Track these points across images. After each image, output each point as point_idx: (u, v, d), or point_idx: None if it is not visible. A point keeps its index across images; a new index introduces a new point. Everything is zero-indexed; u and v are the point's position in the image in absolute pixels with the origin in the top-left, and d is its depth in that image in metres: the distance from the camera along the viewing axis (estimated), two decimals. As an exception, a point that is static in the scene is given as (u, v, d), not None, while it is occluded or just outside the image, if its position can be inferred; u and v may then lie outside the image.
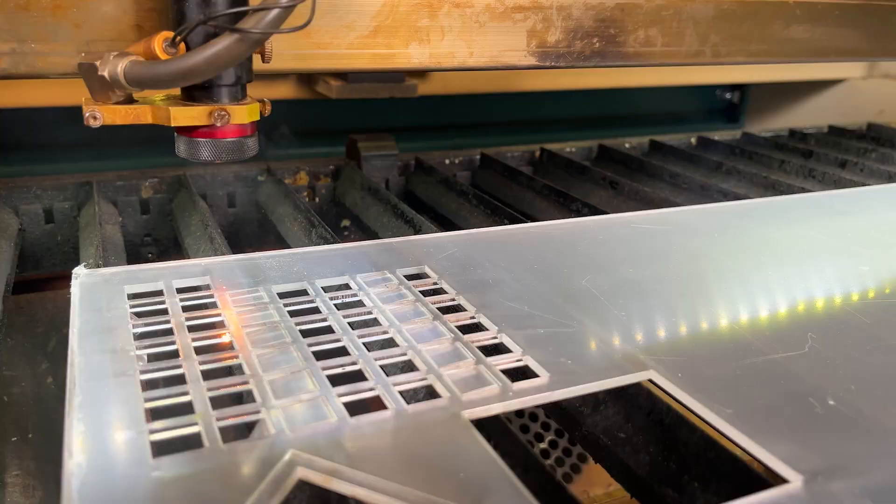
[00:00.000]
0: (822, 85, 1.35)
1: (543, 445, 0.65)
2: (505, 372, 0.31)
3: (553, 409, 0.34)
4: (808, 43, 0.50)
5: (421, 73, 0.93)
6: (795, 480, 0.24)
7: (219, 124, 0.37)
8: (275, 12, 0.33)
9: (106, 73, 0.34)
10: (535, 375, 0.30)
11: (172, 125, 0.37)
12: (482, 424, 0.30)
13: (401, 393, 0.29)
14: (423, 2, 0.39)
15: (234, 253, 0.46)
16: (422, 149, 1.04)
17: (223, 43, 0.33)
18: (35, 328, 0.51)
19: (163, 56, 0.35)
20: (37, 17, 0.32)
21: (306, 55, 0.37)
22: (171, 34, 0.35)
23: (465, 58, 0.41)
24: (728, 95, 1.38)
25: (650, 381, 0.30)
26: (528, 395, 0.29)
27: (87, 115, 0.36)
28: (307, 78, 0.85)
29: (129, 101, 0.37)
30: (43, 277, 0.57)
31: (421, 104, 1.00)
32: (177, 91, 0.39)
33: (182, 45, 0.35)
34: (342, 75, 0.82)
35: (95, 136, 0.77)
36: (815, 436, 0.27)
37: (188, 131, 0.38)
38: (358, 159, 0.67)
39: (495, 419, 0.30)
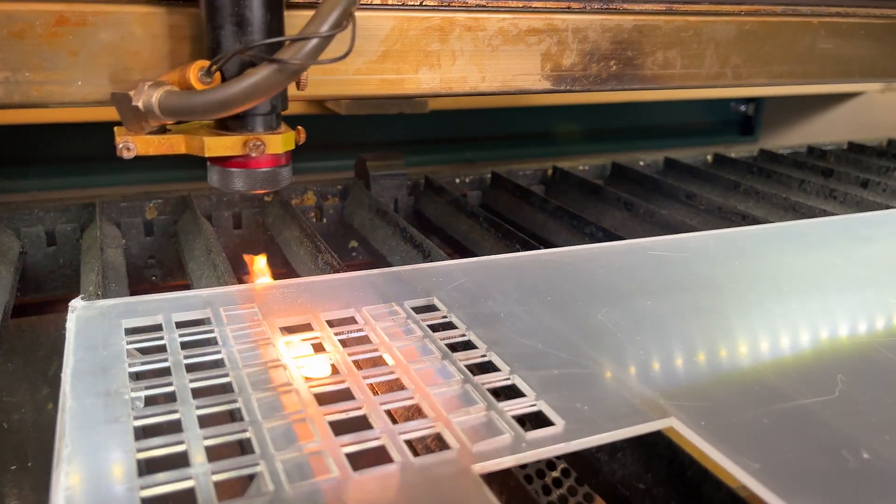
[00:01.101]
0: (840, 98, 1.33)
1: (562, 491, 0.63)
2: (518, 418, 0.29)
3: (568, 454, 0.32)
4: (832, 63, 0.48)
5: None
6: (831, 548, 0.23)
7: (254, 154, 0.36)
8: (314, 42, 0.32)
9: (140, 104, 0.33)
10: (549, 423, 0.29)
11: (207, 155, 0.36)
12: (492, 475, 0.29)
13: (408, 441, 0.28)
14: (434, 25, 0.37)
15: (238, 278, 0.44)
16: (432, 162, 1.02)
17: (261, 74, 0.32)
18: (36, 352, 0.50)
19: (198, 86, 0.34)
20: (31, 45, 0.31)
21: (313, 81, 0.36)
22: (206, 63, 0.34)
23: (477, 83, 0.40)
24: (743, 108, 1.36)
25: (670, 429, 0.29)
26: (543, 447, 0.27)
27: (120, 146, 0.35)
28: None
29: (162, 130, 0.36)
30: (45, 300, 0.56)
31: (431, 118, 0.99)
32: (210, 121, 0.38)
33: (217, 75, 0.34)
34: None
35: (98, 152, 0.76)
36: (849, 494, 0.25)
37: (221, 161, 0.37)
38: (366, 179, 0.66)
39: (507, 471, 0.28)
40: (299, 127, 0.39)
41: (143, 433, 0.27)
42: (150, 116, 0.34)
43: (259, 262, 0.54)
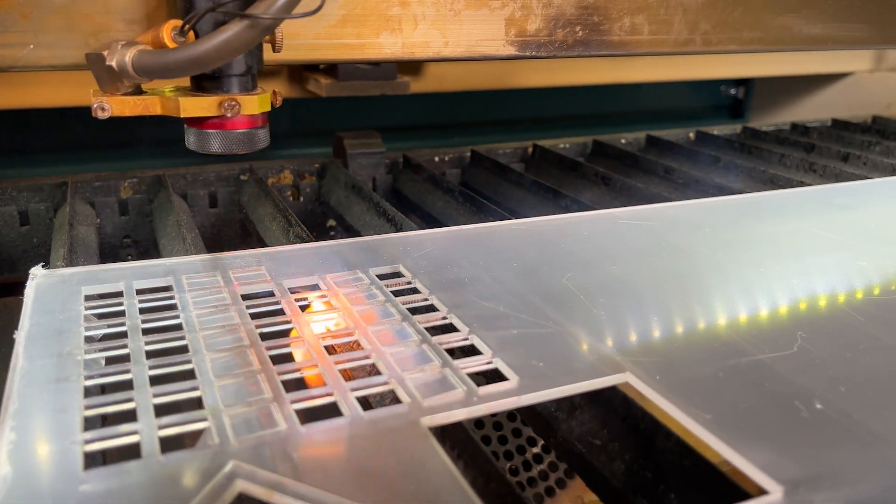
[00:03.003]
0: (829, 79, 1.33)
1: (536, 450, 0.63)
2: (474, 375, 0.29)
3: (528, 413, 0.32)
4: (803, 31, 0.48)
5: (413, 70, 0.92)
6: (776, 492, 0.23)
7: (229, 115, 0.36)
8: None
9: (114, 63, 0.33)
10: (503, 379, 0.29)
11: (182, 116, 0.36)
12: (446, 432, 0.29)
13: (363, 399, 0.28)
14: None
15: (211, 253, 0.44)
16: (417, 148, 1.02)
17: (233, 29, 0.32)
18: (10, 332, 0.50)
19: (171, 44, 0.34)
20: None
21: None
22: (179, 22, 0.34)
23: (440, 48, 0.39)
24: (733, 91, 1.36)
25: (626, 384, 0.29)
26: (495, 401, 0.27)
27: (95, 106, 0.35)
28: (298, 76, 0.84)
29: (138, 92, 0.36)
30: (18, 281, 0.56)
31: (418, 103, 0.99)
32: (186, 82, 0.38)
33: (191, 34, 0.34)
34: (332, 73, 0.80)
35: (74, 139, 0.76)
36: (799, 442, 0.25)
37: (198, 122, 0.37)
38: (344, 157, 0.65)
39: (459, 427, 0.28)
40: (275, 89, 0.39)
41: (97, 392, 0.27)
42: (125, 76, 0.34)
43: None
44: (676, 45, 0.44)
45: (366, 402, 0.30)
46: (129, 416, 0.26)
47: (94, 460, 0.26)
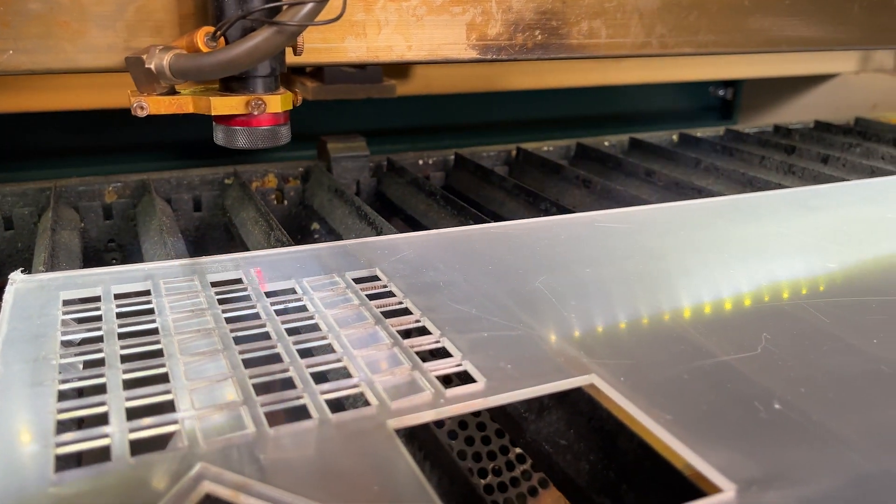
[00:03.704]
0: (816, 80, 1.34)
1: (520, 451, 0.64)
2: (442, 378, 0.30)
3: (499, 415, 0.33)
4: (759, 33, 0.49)
5: (400, 73, 0.92)
6: (729, 490, 0.23)
7: (255, 113, 0.39)
8: (309, 6, 0.35)
9: (152, 66, 0.36)
10: (472, 381, 0.29)
11: (212, 114, 0.39)
12: (415, 434, 0.29)
13: (332, 401, 0.28)
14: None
15: (194, 257, 0.45)
16: (405, 150, 1.03)
17: (262, 35, 0.35)
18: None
19: (204, 49, 0.37)
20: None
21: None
22: (211, 29, 0.37)
23: (404, 51, 0.41)
24: (721, 92, 1.37)
25: (591, 385, 0.29)
26: (461, 402, 0.28)
27: (134, 105, 0.38)
28: (285, 80, 0.84)
29: (172, 92, 0.39)
30: (2, 284, 0.56)
31: (405, 105, 0.99)
32: (215, 83, 0.41)
33: (222, 39, 0.37)
34: (318, 76, 0.81)
35: (60, 143, 0.76)
36: (756, 442, 0.26)
37: (226, 120, 0.40)
38: (328, 161, 0.66)
39: (426, 429, 0.29)
40: (297, 89, 0.42)
41: (74, 396, 0.28)
42: (162, 78, 0.37)
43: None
44: (634, 48, 0.45)
45: (339, 405, 0.31)
46: (103, 419, 0.26)
47: (68, 463, 0.26)
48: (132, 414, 0.26)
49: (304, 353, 0.31)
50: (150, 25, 0.36)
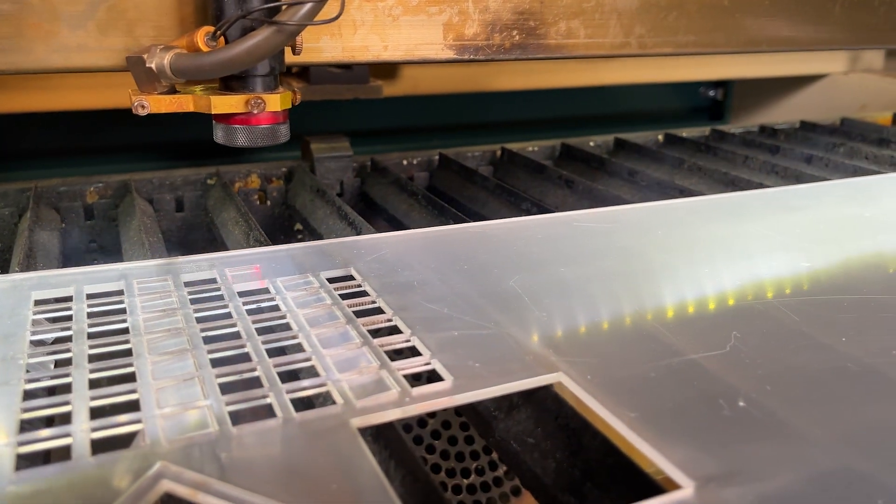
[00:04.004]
0: (806, 80, 1.34)
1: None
2: (411, 376, 0.30)
3: (469, 412, 0.33)
4: (740, 33, 0.49)
5: (387, 74, 0.92)
6: (687, 487, 0.23)
7: (255, 112, 0.40)
8: (308, 6, 0.35)
9: (153, 65, 0.37)
10: (439, 379, 0.29)
11: (213, 112, 0.40)
12: (381, 433, 0.29)
13: (302, 400, 0.28)
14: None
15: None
16: (394, 150, 1.03)
17: (262, 35, 0.35)
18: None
19: (205, 48, 0.37)
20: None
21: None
22: (212, 29, 0.37)
23: (380, 51, 0.41)
24: (711, 93, 1.37)
25: (558, 384, 0.29)
26: (427, 401, 0.28)
27: (135, 104, 0.38)
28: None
29: (172, 91, 0.39)
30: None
31: (392, 105, 0.99)
32: (215, 82, 0.41)
33: (222, 39, 0.38)
34: (304, 76, 0.81)
35: (42, 144, 0.76)
36: (717, 439, 0.26)
37: (226, 118, 0.41)
38: (311, 161, 0.66)
39: (392, 427, 0.29)
40: (296, 89, 0.42)
41: (43, 395, 0.28)
42: (163, 77, 0.37)
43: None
44: (612, 48, 0.45)
45: (310, 403, 0.31)
46: (68, 418, 0.26)
47: (34, 461, 0.27)
48: (97, 413, 0.26)
49: (273, 353, 0.31)
50: (122, 25, 0.36)
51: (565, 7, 0.42)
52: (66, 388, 0.28)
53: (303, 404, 0.29)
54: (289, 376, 0.30)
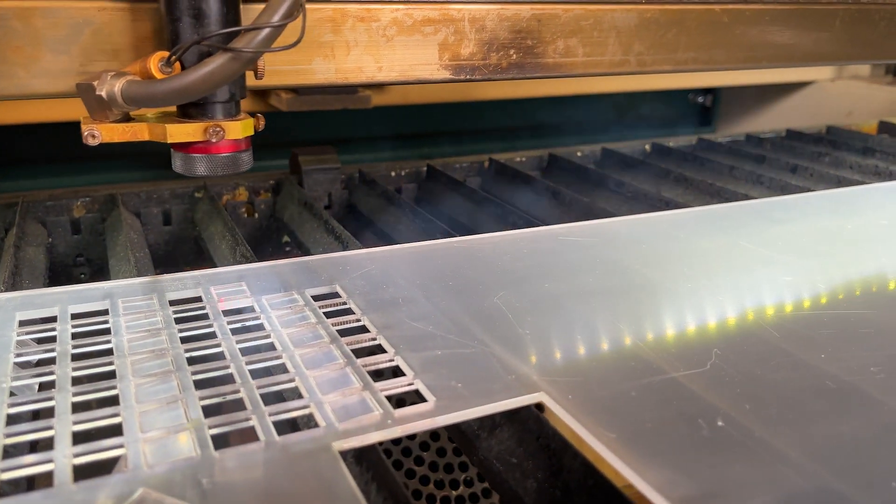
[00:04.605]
0: (793, 87, 1.35)
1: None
2: (394, 397, 0.30)
3: (453, 431, 0.33)
4: (739, 49, 0.49)
5: (376, 84, 0.93)
6: (665, 509, 0.24)
7: (214, 140, 0.38)
8: (266, 31, 0.34)
9: (103, 93, 0.35)
10: (423, 400, 0.29)
11: (169, 141, 0.38)
12: (363, 455, 0.30)
13: (286, 422, 0.28)
14: (326, 17, 0.38)
15: (162, 273, 0.45)
16: (385, 160, 1.03)
17: (217, 62, 0.34)
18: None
19: (158, 75, 0.35)
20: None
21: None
22: (166, 54, 0.36)
23: (374, 73, 0.40)
24: (700, 99, 1.38)
25: (539, 404, 0.29)
26: (410, 423, 0.28)
27: (85, 133, 0.36)
28: (260, 91, 0.84)
29: (126, 119, 0.38)
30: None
31: (382, 114, 1.00)
32: (172, 109, 0.40)
33: (177, 65, 0.36)
34: (293, 87, 0.81)
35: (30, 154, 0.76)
36: (696, 460, 0.26)
37: (184, 147, 0.39)
38: (299, 174, 0.66)
39: (373, 450, 0.29)
40: (258, 114, 0.41)
41: (28, 419, 0.28)
42: (114, 105, 0.35)
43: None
44: (611, 66, 0.45)
45: (294, 425, 0.31)
46: (51, 444, 0.26)
47: (17, 488, 0.27)
48: (80, 438, 0.27)
49: (257, 374, 0.31)
50: (107, 49, 0.36)
51: (563, 25, 0.42)
52: (50, 413, 0.28)
53: (288, 426, 0.30)
54: (275, 397, 0.30)
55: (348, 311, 0.37)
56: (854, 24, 0.56)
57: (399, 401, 0.31)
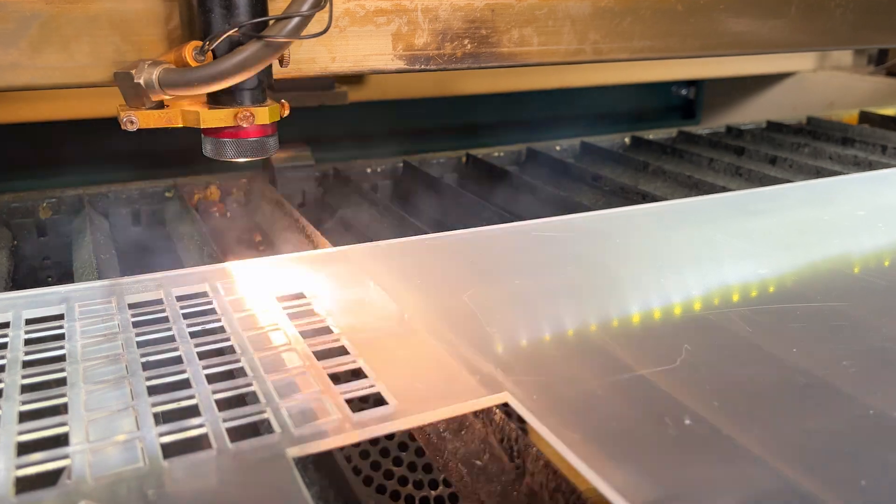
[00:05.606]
0: (775, 78, 1.35)
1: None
2: (355, 400, 0.29)
3: (418, 432, 0.32)
4: (695, 38, 0.49)
5: (353, 79, 0.91)
6: (627, 513, 0.23)
7: (244, 125, 0.40)
8: (296, 20, 0.36)
9: (141, 81, 0.37)
10: (384, 403, 0.29)
11: (202, 127, 0.40)
12: (320, 462, 0.29)
13: (245, 427, 0.27)
14: (277, 8, 0.37)
15: (128, 275, 0.44)
16: (365, 157, 1.02)
17: (250, 49, 0.36)
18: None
19: (193, 63, 0.37)
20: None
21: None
22: (199, 43, 0.37)
23: (328, 63, 0.40)
24: (683, 92, 1.37)
25: (503, 405, 0.29)
26: (368, 427, 0.27)
27: (123, 119, 0.38)
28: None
29: (160, 106, 0.39)
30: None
31: (362, 110, 0.99)
32: (202, 98, 0.41)
33: (210, 54, 0.38)
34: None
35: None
36: (661, 461, 0.25)
37: (214, 132, 0.41)
38: (272, 171, 0.65)
39: (329, 456, 0.28)
40: (283, 101, 0.42)
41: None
42: (151, 92, 0.37)
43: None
44: (567, 55, 0.45)
45: (255, 430, 0.30)
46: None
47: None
48: (24, 449, 0.26)
49: (214, 378, 0.30)
50: (57, 41, 0.35)
51: (517, 15, 0.42)
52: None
53: (249, 430, 0.29)
54: (236, 401, 0.29)
55: (312, 313, 0.37)
56: (809, 11, 0.56)
57: (362, 403, 0.30)
